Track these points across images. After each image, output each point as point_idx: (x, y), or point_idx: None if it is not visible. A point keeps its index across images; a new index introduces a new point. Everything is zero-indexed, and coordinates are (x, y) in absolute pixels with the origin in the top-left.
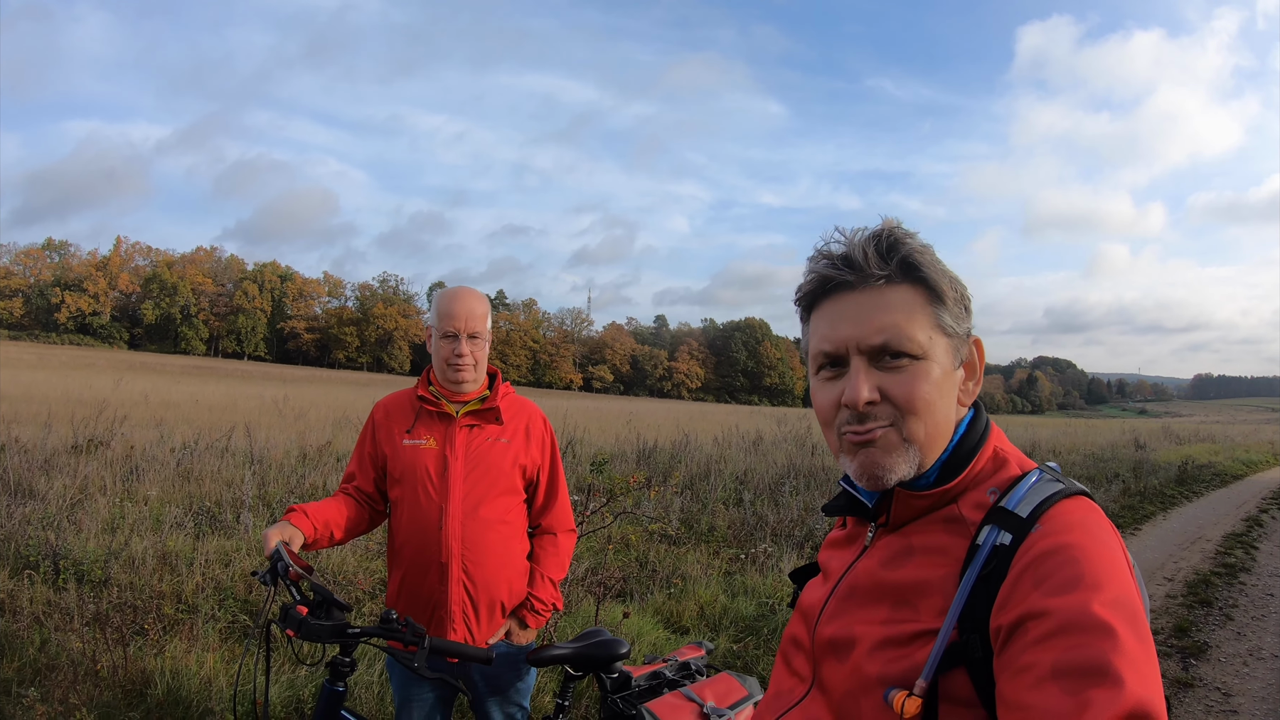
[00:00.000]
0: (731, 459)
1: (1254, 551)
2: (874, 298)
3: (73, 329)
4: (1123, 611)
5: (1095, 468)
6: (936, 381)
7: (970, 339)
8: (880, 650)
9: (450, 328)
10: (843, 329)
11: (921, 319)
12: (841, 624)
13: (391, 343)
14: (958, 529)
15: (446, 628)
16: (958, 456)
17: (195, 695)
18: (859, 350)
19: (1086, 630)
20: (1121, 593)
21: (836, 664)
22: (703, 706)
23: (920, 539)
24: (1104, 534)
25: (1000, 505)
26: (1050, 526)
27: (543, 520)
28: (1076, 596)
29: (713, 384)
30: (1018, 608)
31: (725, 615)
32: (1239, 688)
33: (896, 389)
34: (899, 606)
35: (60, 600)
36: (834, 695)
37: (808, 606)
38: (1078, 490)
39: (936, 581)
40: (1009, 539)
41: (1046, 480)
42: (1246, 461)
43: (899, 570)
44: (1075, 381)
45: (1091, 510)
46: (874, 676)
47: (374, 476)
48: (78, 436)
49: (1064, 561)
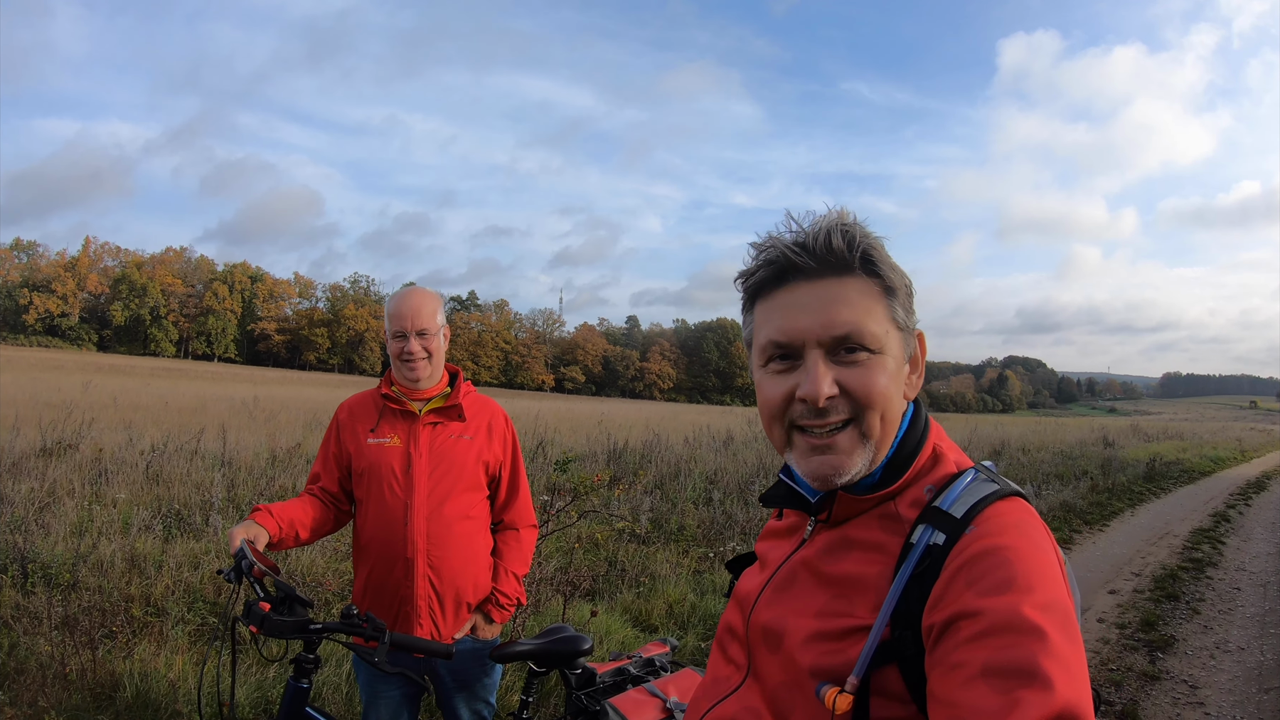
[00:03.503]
0: (702, 459)
1: (1221, 547)
2: (832, 289)
3: (41, 330)
4: (1054, 614)
5: (1064, 465)
6: (892, 375)
7: (915, 333)
8: (813, 643)
9: (399, 327)
10: (800, 320)
11: (879, 312)
12: (775, 613)
13: (363, 344)
14: (893, 526)
15: (413, 623)
16: (901, 455)
17: (164, 697)
18: (818, 343)
19: (1017, 631)
20: (1053, 596)
21: (769, 654)
22: (665, 701)
23: (857, 533)
24: (1037, 536)
25: (935, 505)
26: (984, 529)
27: (505, 515)
28: (1008, 598)
29: (685, 384)
30: (950, 607)
31: (694, 613)
32: (1206, 680)
33: (855, 383)
34: (834, 600)
35: (28, 604)
36: (768, 685)
37: (743, 595)
38: (1012, 491)
39: (872, 578)
40: (942, 539)
41: (981, 480)
42: (1214, 458)
43: (836, 564)
44: (1045, 381)
45: (1026, 512)
46: (807, 668)
47: (339, 476)
48: (46, 439)
49: (997, 563)
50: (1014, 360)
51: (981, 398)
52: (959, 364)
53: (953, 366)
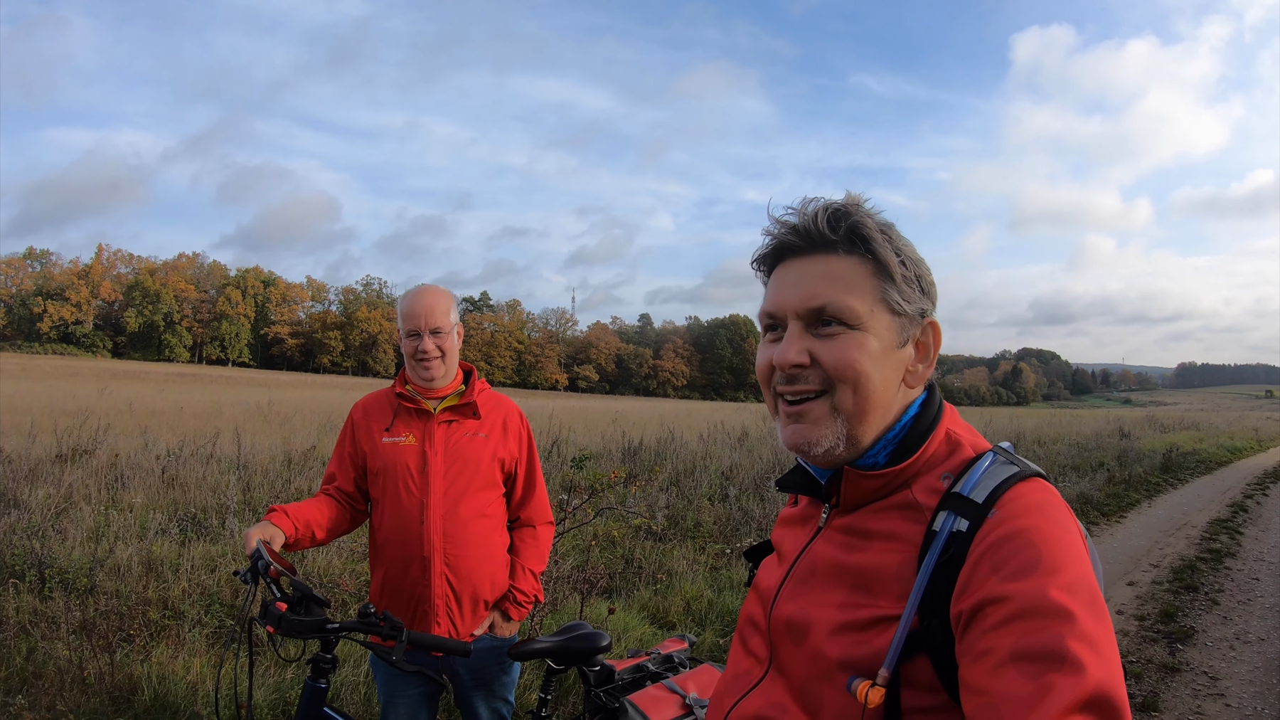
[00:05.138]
0: (717, 455)
1: (1239, 537)
2: (818, 264)
3: (56, 338)
4: (1080, 594)
5: (1080, 457)
6: (873, 354)
7: (926, 320)
8: (840, 634)
9: (412, 326)
10: (784, 292)
11: (864, 290)
12: (798, 605)
13: (376, 346)
14: (913, 515)
15: (431, 622)
16: (910, 439)
17: (182, 700)
18: (796, 314)
19: (1045, 615)
20: (1079, 575)
21: (793, 646)
22: (685, 697)
23: (877, 524)
24: (1060, 516)
25: (955, 491)
26: (1006, 511)
27: (522, 513)
28: (1034, 581)
29: (698, 381)
30: (976, 593)
31: (711, 610)
32: (1226, 671)
33: (826, 355)
34: (856, 591)
35: (46, 609)
36: (794, 679)
37: (764, 588)
38: (1033, 472)
39: (894, 568)
40: (965, 525)
41: (1000, 463)
42: (1231, 448)
43: (857, 554)
44: (1060, 372)
45: (1047, 492)
46: (834, 660)
47: (354, 476)
48: (62, 446)
49: (1021, 546)
50: (1028, 352)
51: (996, 390)
52: (973, 357)
53: (966, 359)
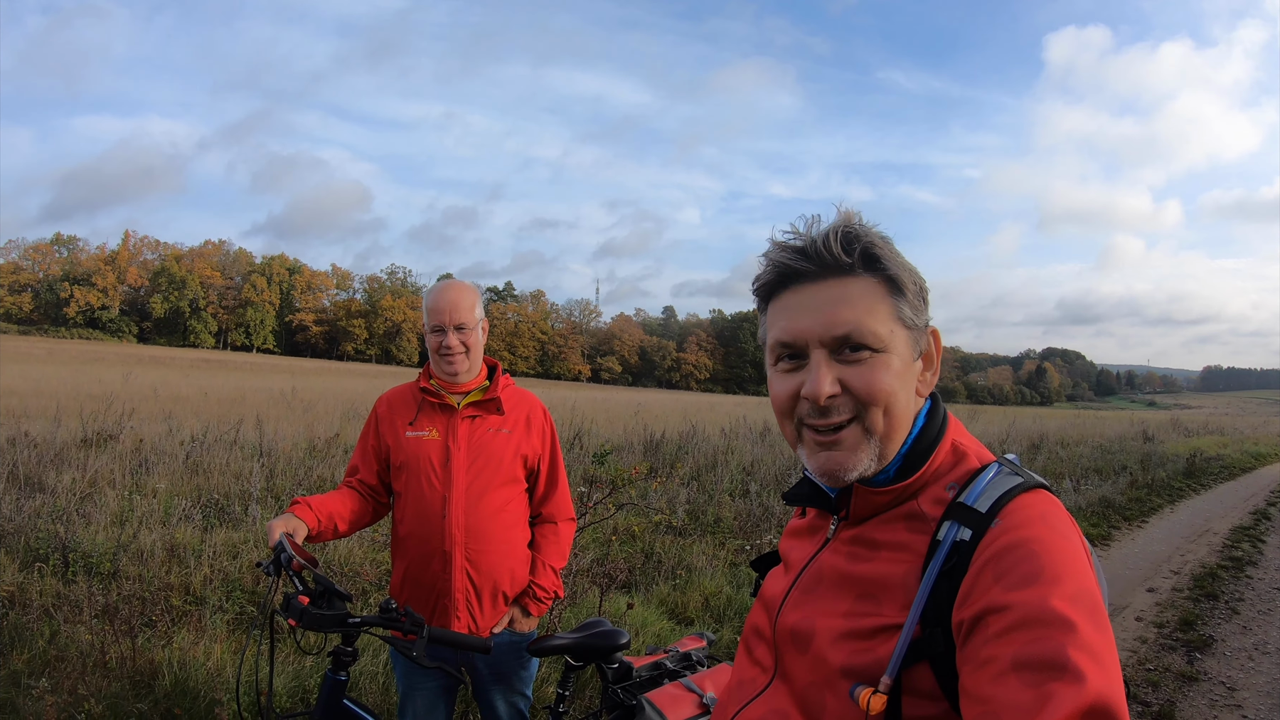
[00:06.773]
0: (739, 450)
1: (1261, 545)
2: (834, 289)
3: (82, 323)
4: (1082, 605)
5: (1103, 459)
6: (897, 373)
7: (928, 330)
8: (843, 642)
9: (437, 321)
10: (803, 321)
11: (882, 311)
12: (803, 614)
13: (400, 334)
14: (919, 525)
15: (451, 616)
16: (917, 450)
17: (203, 686)
18: (820, 343)
19: (1046, 624)
20: (1081, 586)
21: (798, 654)
22: (702, 696)
23: (883, 534)
24: (1063, 527)
25: (959, 501)
26: (1009, 521)
27: (543, 509)
28: (1036, 591)
29: (721, 375)
30: (979, 602)
31: (730, 606)
32: (1244, 682)
33: (857, 381)
34: (861, 600)
35: (69, 593)
36: (797, 686)
37: (770, 597)
38: (1036, 483)
39: (899, 577)
40: (969, 534)
41: (1005, 474)
42: (1255, 454)
43: (862, 564)
44: (1084, 373)
45: (1050, 503)
46: (838, 667)
47: (377, 469)
48: (87, 430)
49: (1023, 556)
50: (1053, 352)
51: (1019, 390)
52: (997, 355)
53: (991, 358)
